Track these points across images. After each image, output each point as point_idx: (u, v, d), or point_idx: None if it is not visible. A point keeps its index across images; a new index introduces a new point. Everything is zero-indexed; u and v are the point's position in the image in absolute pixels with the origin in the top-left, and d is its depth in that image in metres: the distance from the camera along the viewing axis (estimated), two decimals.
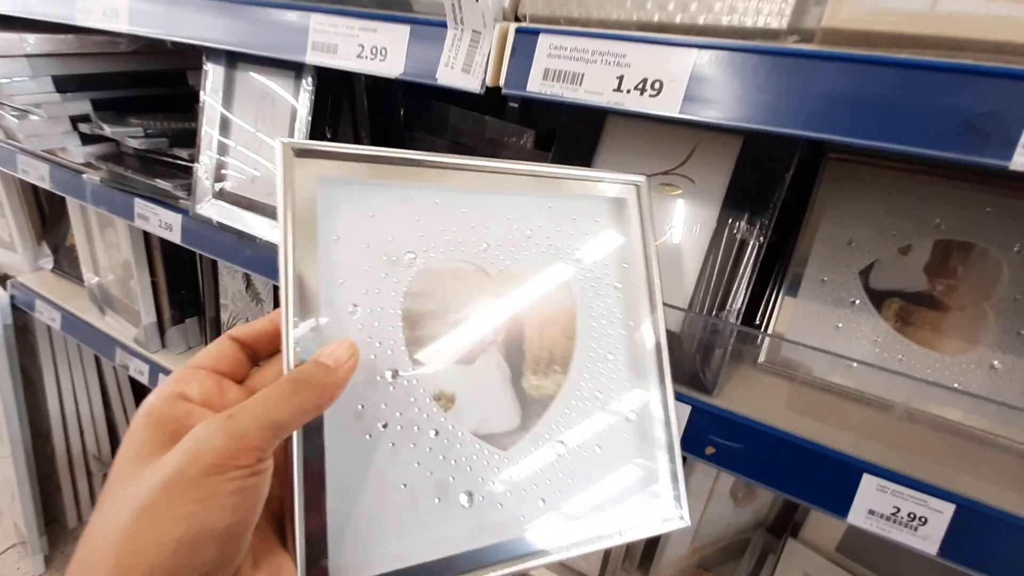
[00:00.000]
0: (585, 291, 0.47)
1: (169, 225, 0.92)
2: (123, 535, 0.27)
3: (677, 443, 0.48)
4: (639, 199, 0.50)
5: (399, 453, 0.38)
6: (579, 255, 0.47)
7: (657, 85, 0.48)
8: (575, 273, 0.47)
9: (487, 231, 0.44)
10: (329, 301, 0.37)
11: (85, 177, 1.02)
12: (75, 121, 1.02)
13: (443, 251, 0.42)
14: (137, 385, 1.61)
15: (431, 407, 0.40)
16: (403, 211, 0.42)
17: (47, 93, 0.98)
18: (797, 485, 0.55)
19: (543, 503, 0.42)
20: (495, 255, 0.44)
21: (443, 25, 0.56)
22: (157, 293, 1.18)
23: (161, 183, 0.91)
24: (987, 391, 0.60)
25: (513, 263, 0.45)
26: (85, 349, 1.49)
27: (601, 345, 0.47)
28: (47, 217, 1.47)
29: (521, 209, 0.46)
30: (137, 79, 1.08)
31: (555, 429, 0.44)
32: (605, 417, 0.46)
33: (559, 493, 0.43)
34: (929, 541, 0.50)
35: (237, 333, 0.37)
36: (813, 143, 0.68)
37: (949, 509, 0.49)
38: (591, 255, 0.48)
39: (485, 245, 0.44)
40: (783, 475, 0.56)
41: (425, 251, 0.42)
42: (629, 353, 0.48)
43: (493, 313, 0.43)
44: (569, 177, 0.48)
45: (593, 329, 0.47)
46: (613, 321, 0.48)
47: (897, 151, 0.40)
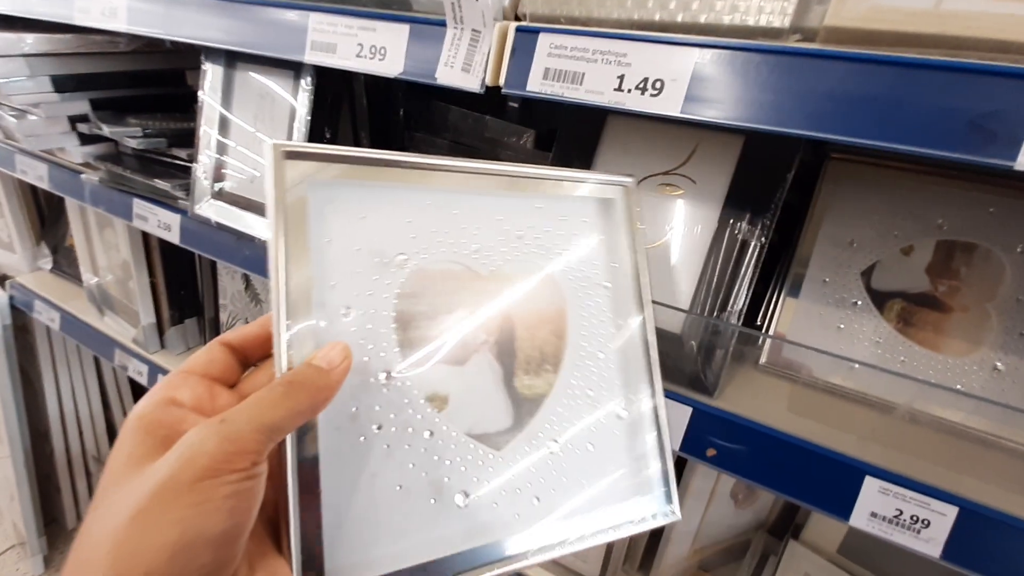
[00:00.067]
0: (575, 290, 0.48)
1: (168, 225, 0.92)
2: (117, 541, 0.27)
3: (667, 439, 0.48)
4: (627, 199, 0.50)
5: (394, 455, 0.38)
6: (568, 255, 0.48)
7: (658, 84, 0.48)
8: (565, 273, 0.47)
9: (478, 232, 0.44)
10: (321, 304, 0.37)
11: (84, 177, 1.01)
12: (73, 121, 1.02)
13: (435, 252, 0.42)
14: (136, 386, 1.61)
15: (425, 408, 0.40)
16: (394, 213, 0.42)
17: (45, 93, 0.98)
18: (799, 487, 0.55)
19: (537, 501, 0.43)
20: (486, 256, 0.44)
21: (443, 24, 0.56)
22: (156, 293, 1.17)
23: (160, 183, 0.91)
24: (990, 393, 0.60)
25: (504, 264, 0.45)
26: (84, 349, 1.49)
27: (592, 344, 0.48)
28: (46, 217, 1.47)
29: (511, 210, 0.46)
30: (136, 79, 1.08)
31: (548, 428, 0.45)
32: (596, 415, 0.47)
33: (553, 491, 0.43)
34: (932, 544, 0.50)
35: (227, 338, 0.37)
36: (815, 143, 0.67)
37: (952, 512, 0.49)
38: (580, 255, 0.48)
39: (476, 246, 0.44)
40: (785, 477, 0.55)
41: (417, 252, 0.42)
42: (619, 351, 0.49)
43: (484, 314, 0.44)
44: (557, 178, 0.48)
45: (583, 328, 0.47)
46: (603, 320, 0.48)
47: (901, 151, 0.40)
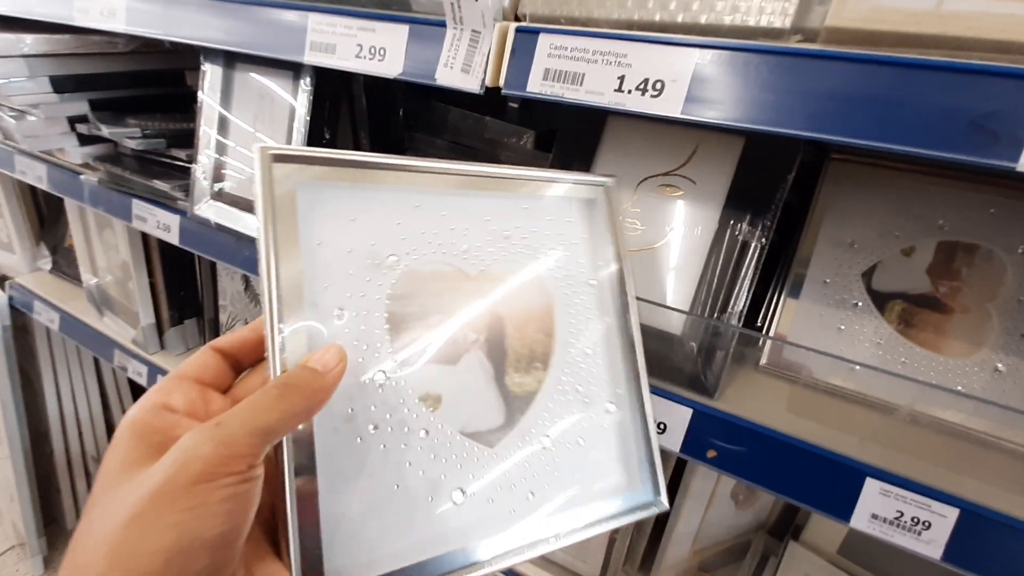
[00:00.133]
0: (561, 289, 0.49)
1: (167, 226, 0.91)
2: (113, 545, 0.27)
3: (653, 432, 0.49)
4: (608, 199, 0.51)
5: (391, 454, 0.39)
6: (554, 254, 0.49)
7: (659, 85, 0.47)
8: (551, 272, 0.48)
9: (466, 233, 0.45)
10: (314, 305, 0.37)
11: (83, 178, 1.01)
12: (73, 122, 1.01)
13: (424, 253, 0.43)
14: (136, 386, 1.61)
15: (419, 408, 0.40)
16: (384, 214, 0.42)
17: (44, 93, 0.98)
18: (799, 489, 0.55)
19: (531, 496, 0.43)
20: (475, 256, 0.45)
21: (442, 25, 0.56)
22: (155, 294, 1.17)
23: (159, 184, 0.91)
24: (991, 394, 0.60)
25: (492, 264, 0.46)
26: (84, 350, 1.49)
27: (579, 341, 0.49)
28: (45, 218, 1.47)
29: (498, 211, 0.47)
30: (135, 79, 1.08)
31: (539, 424, 0.45)
32: (585, 410, 0.48)
33: (546, 486, 0.44)
34: (933, 546, 0.50)
35: (219, 344, 0.37)
36: (816, 144, 0.67)
37: (953, 513, 0.49)
38: (566, 254, 0.49)
39: (465, 246, 0.45)
40: (785, 479, 0.55)
41: (407, 253, 0.42)
42: (606, 347, 0.50)
43: (474, 313, 0.44)
44: (537, 179, 0.49)
45: (571, 325, 0.48)
46: (590, 317, 0.50)
47: (902, 152, 0.40)
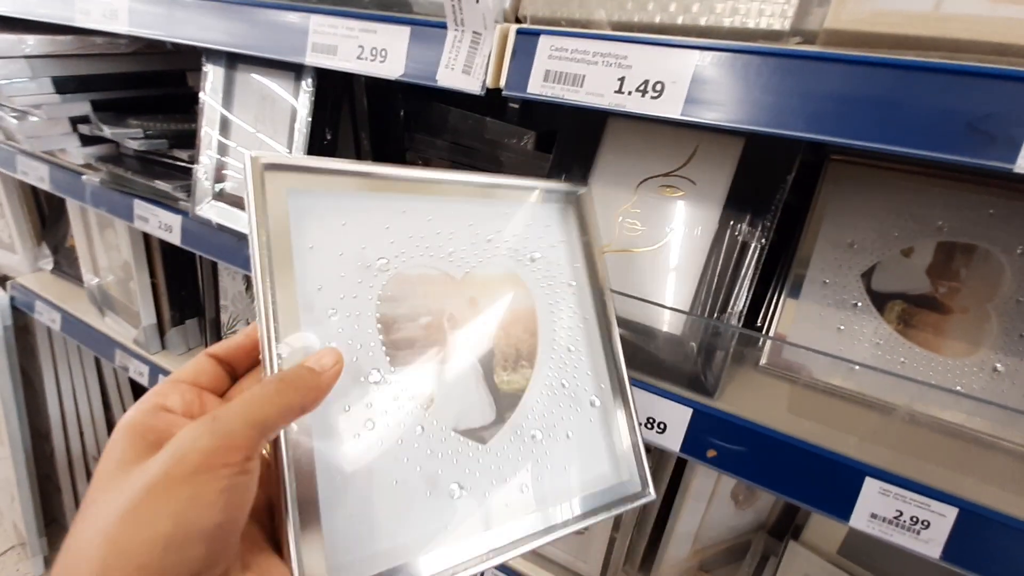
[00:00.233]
0: (543, 290, 0.51)
1: (169, 226, 0.92)
2: (109, 536, 0.26)
3: (637, 422, 0.51)
4: (582, 206, 0.54)
5: (388, 451, 0.40)
6: (535, 257, 0.51)
7: (659, 87, 0.48)
8: (532, 274, 0.50)
9: (451, 237, 0.47)
10: (308, 307, 0.38)
11: (84, 178, 1.01)
12: (75, 122, 1.02)
13: (412, 256, 0.44)
14: (137, 386, 1.61)
15: (413, 405, 0.41)
16: (372, 219, 0.43)
17: (47, 94, 0.98)
18: (799, 488, 0.55)
19: (524, 490, 0.44)
20: (459, 259, 0.47)
21: (443, 26, 0.56)
22: (157, 294, 1.17)
23: (161, 184, 0.91)
24: (990, 394, 0.60)
25: (476, 266, 0.47)
26: (85, 350, 1.49)
27: (562, 339, 0.50)
28: (47, 218, 1.47)
29: (480, 216, 0.49)
30: (137, 80, 1.08)
31: (528, 420, 0.47)
32: (572, 405, 0.49)
33: (538, 480, 0.45)
34: (932, 545, 0.50)
35: (214, 350, 0.37)
36: (815, 145, 0.67)
37: (952, 513, 0.49)
38: (545, 257, 0.52)
39: (450, 249, 0.47)
40: (785, 478, 0.55)
41: (396, 256, 0.44)
42: (587, 344, 0.52)
43: (461, 315, 0.46)
44: (515, 187, 0.52)
45: (553, 324, 0.50)
46: (571, 315, 0.52)
47: (900, 153, 0.40)
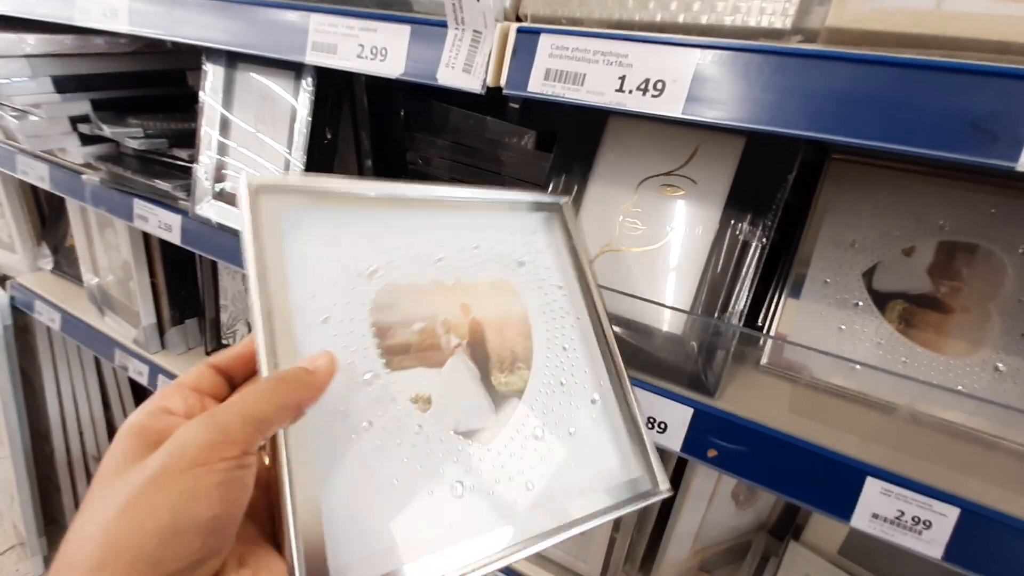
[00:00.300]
0: (533, 293, 0.51)
1: (168, 226, 0.91)
2: (107, 528, 0.27)
3: (639, 416, 0.50)
4: (563, 216, 0.55)
5: (386, 449, 0.40)
6: (522, 262, 0.52)
7: (659, 85, 0.48)
8: (520, 278, 0.51)
9: (440, 244, 0.48)
10: (302, 314, 0.39)
11: (84, 178, 1.01)
12: (74, 121, 1.02)
13: (403, 265, 0.45)
14: (137, 386, 1.61)
15: (410, 407, 0.42)
16: (362, 231, 0.45)
17: (46, 93, 0.98)
18: (800, 488, 0.55)
19: (530, 487, 0.44)
20: (448, 265, 0.48)
21: (444, 25, 0.56)
22: (156, 294, 1.17)
23: (160, 184, 0.91)
24: (991, 394, 0.60)
25: (466, 272, 0.48)
26: (85, 350, 1.49)
27: (556, 339, 0.51)
28: (47, 217, 1.47)
29: (468, 225, 0.50)
30: (137, 79, 1.08)
31: (529, 419, 0.47)
32: (572, 402, 0.49)
33: (543, 477, 0.45)
34: (933, 545, 0.50)
35: (214, 361, 0.38)
36: (816, 144, 0.67)
37: (953, 513, 0.49)
38: (532, 262, 0.53)
39: (439, 256, 0.48)
40: (786, 478, 0.55)
41: (387, 264, 0.45)
42: (583, 342, 0.52)
43: (454, 320, 0.46)
44: (497, 201, 0.53)
45: (547, 326, 0.51)
46: (564, 316, 0.52)
47: (902, 152, 0.40)
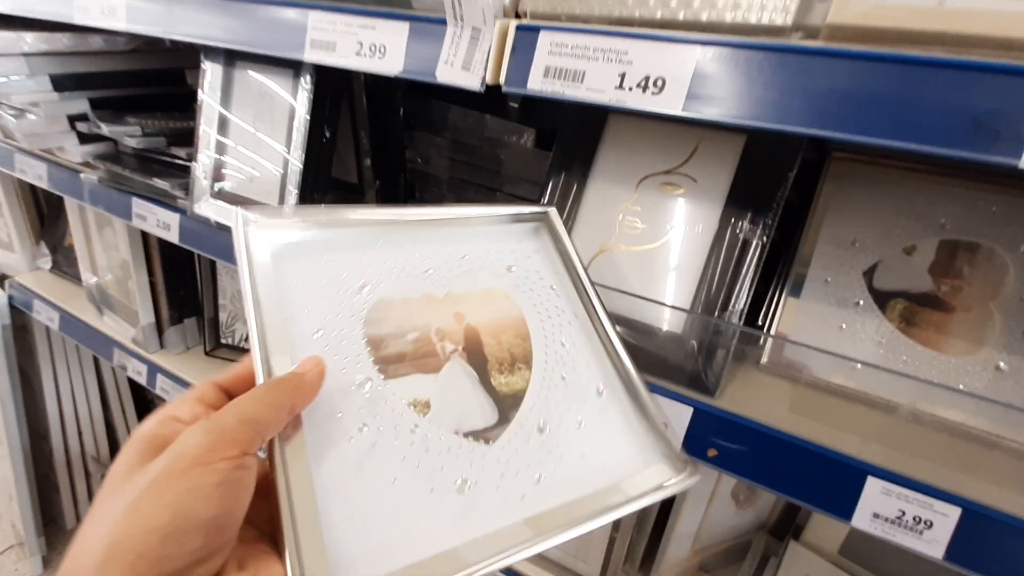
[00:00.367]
0: (527, 296, 0.52)
1: (167, 225, 0.91)
2: (111, 529, 0.28)
3: (649, 403, 0.48)
4: (549, 223, 0.57)
5: (383, 449, 0.39)
6: (512, 269, 0.53)
7: (660, 83, 0.47)
8: (511, 283, 0.52)
9: (426, 257, 0.50)
10: (295, 325, 0.41)
11: (83, 176, 1.01)
12: (73, 120, 1.01)
13: (391, 279, 0.47)
14: (136, 385, 1.61)
15: (408, 411, 0.42)
16: (351, 250, 0.48)
17: (45, 92, 0.98)
18: (800, 488, 0.54)
19: (540, 480, 0.43)
20: (438, 277, 0.49)
21: (443, 22, 0.56)
22: (155, 293, 1.17)
23: (159, 182, 0.91)
24: (993, 393, 0.59)
25: (455, 281, 0.50)
26: (83, 349, 1.49)
27: (554, 336, 0.51)
28: (45, 217, 1.47)
29: (453, 238, 0.52)
30: (135, 78, 1.08)
31: (533, 415, 0.46)
32: (576, 395, 0.49)
33: (553, 470, 0.44)
34: (935, 545, 0.49)
35: (218, 379, 0.40)
36: (817, 141, 0.67)
37: (955, 512, 0.48)
38: (521, 266, 0.54)
39: (427, 267, 0.49)
40: (786, 478, 0.55)
41: (377, 278, 0.46)
42: (583, 338, 0.52)
43: (448, 328, 0.47)
44: (481, 217, 0.55)
45: (543, 324, 0.51)
46: (560, 314, 0.53)
47: (903, 150, 0.40)
